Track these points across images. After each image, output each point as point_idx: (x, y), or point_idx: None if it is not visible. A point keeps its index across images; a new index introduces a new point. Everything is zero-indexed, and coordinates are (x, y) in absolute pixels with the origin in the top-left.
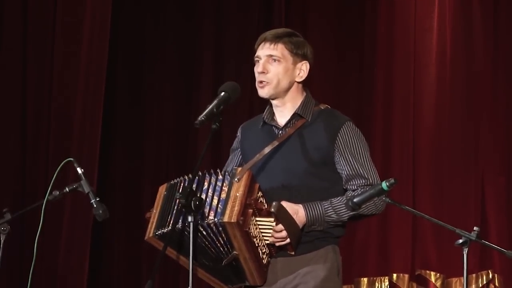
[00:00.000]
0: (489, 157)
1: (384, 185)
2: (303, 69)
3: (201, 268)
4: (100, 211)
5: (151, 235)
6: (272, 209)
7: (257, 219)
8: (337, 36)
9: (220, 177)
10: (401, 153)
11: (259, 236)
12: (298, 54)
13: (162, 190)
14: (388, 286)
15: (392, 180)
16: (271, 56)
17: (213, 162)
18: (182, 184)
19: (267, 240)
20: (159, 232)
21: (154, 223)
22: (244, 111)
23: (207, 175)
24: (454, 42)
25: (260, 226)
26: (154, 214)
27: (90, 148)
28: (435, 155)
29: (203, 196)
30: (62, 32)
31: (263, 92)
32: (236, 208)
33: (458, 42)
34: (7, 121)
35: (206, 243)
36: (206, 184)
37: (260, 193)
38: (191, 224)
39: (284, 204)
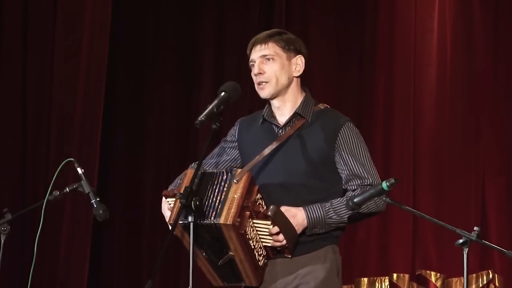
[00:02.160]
0: (490, 157)
1: (385, 185)
2: (299, 63)
3: (205, 259)
4: (100, 211)
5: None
6: (269, 213)
7: (254, 221)
8: (338, 36)
9: (224, 177)
10: (401, 153)
11: (256, 238)
12: (291, 49)
13: (190, 175)
14: (388, 286)
15: (393, 180)
16: (264, 56)
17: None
18: (211, 174)
19: (264, 242)
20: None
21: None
22: (243, 111)
23: (215, 173)
24: (454, 42)
25: (257, 229)
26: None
27: (90, 148)
28: (436, 155)
29: (209, 195)
30: (62, 31)
31: (264, 93)
32: (232, 210)
33: (459, 42)
34: (8, 121)
35: (209, 240)
36: (216, 182)
37: (259, 195)
38: (191, 224)
39: (283, 208)
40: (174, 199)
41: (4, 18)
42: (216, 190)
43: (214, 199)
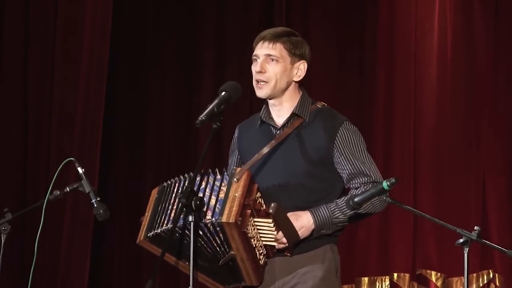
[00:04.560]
0: (490, 157)
1: (385, 184)
2: (300, 69)
3: (196, 269)
4: (101, 211)
5: (142, 238)
6: (270, 210)
7: (255, 219)
8: (338, 36)
9: (219, 176)
10: (402, 153)
11: (257, 237)
12: (296, 54)
13: (154, 193)
14: (388, 286)
15: (393, 180)
16: (269, 55)
17: (214, 162)
18: (174, 186)
19: (265, 241)
20: (150, 234)
21: (145, 226)
22: (244, 111)
23: (204, 174)
24: (455, 42)
25: (258, 227)
26: (146, 217)
27: (91, 148)
28: (436, 155)
29: (204, 195)
30: (63, 31)
31: (261, 93)
32: (234, 209)
33: (459, 42)
34: (8, 120)
35: (202, 243)
36: (203, 183)
37: (258, 194)
38: (192, 224)
39: (288, 214)
40: None
41: (5, 20)
42: (208, 190)
43: (207, 199)
